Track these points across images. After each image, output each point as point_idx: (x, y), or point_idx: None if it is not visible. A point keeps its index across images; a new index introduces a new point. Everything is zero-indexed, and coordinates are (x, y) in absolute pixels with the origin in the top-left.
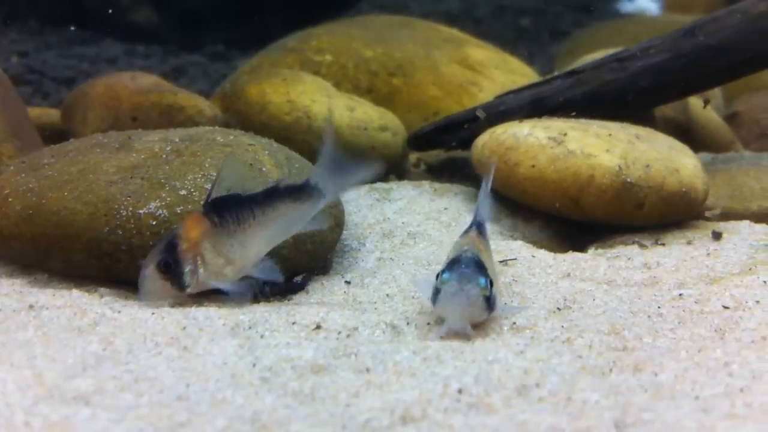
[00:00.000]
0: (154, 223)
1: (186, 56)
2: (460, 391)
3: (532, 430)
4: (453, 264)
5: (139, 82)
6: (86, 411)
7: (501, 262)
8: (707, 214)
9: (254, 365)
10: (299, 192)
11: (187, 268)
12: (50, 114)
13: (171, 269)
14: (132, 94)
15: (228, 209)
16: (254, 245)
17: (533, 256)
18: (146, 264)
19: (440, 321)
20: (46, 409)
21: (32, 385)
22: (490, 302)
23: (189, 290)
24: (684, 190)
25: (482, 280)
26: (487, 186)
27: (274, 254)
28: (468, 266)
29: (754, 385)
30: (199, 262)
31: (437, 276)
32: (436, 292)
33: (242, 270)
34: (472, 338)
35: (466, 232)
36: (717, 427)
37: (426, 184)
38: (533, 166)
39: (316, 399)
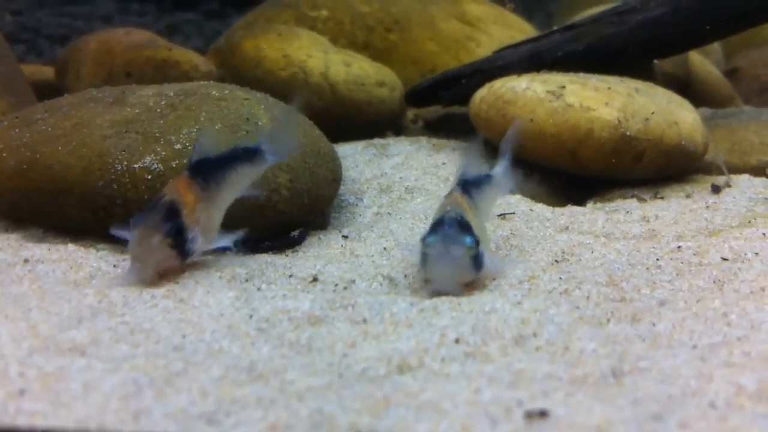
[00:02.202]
0: (149, 177)
1: (180, 14)
2: (457, 341)
3: (529, 378)
4: (436, 226)
5: (132, 38)
6: (81, 361)
7: (499, 215)
8: (708, 157)
9: (251, 316)
10: (254, 155)
11: (191, 235)
12: (44, 71)
13: (180, 236)
14: (126, 50)
15: (208, 172)
16: (223, 207)
17: (531, 210)
18: (145, 233)
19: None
20: (41, 360)
21: (27, 337)
22: (477, 261)
23: (189, 259)
24: (683, 143)
25: (467, 240)
26: (509, 144)
27: (271, 208)
28: (452, 227)
29: (753, 334)
30: (198, 228)
31: (422, 239)
32: (423, 255)
33: (214, 234)
34: (470, 291)
35: (450, 192)
36: (714, 375)
37: (423, 140)
38: (531, 120)
39: (313, 349)
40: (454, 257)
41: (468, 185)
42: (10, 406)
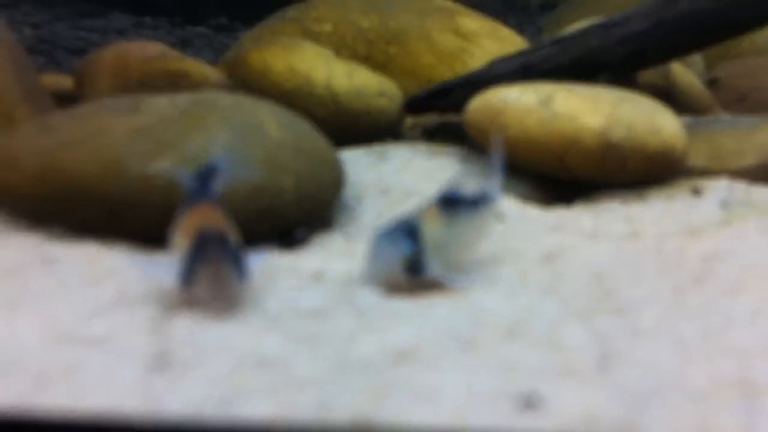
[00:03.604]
0: (162, 182)
1: (192, 28)
2: (452, 334)
3: (521, 369)
4: (387, 227)
5: (146, 51)
6: (100, 354)
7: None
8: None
9: (266, 310)
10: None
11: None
12: (62, 81)
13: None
14: (140, 62)
15: (214, 191)
16: None
17: (521, 211)
18: (216, 275)
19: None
20: (60, 353)
21: (45, 331)
22: (418, 268)
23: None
24: (665, 149)
25: (406, 245)
26: (497, 161)
27: (276, 213)
28: (399, 230)
29: (731, 328)
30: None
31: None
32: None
33: None
34: (464, 286)
35: (426, 206)
36: (695, 367)
37: (421, 146)
38: (522, 127)
39: (315, 341)
40: (387, 257)
41: (450, 200)
42: (31, 397)
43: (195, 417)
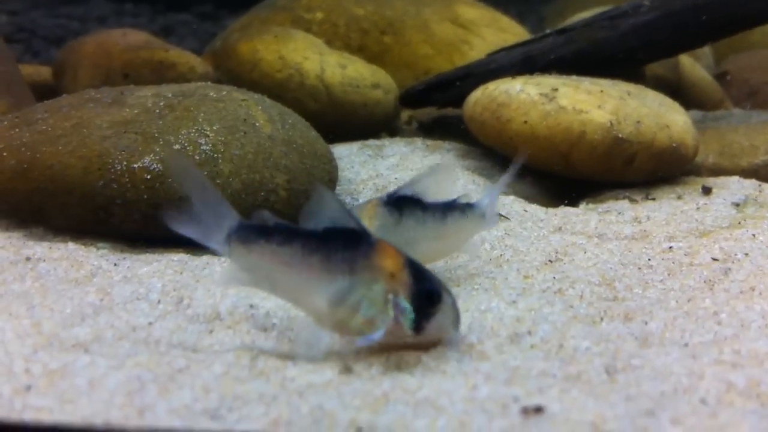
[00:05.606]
0: (148, 177)
1: (175, 15)
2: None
3: (524, 375)
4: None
5: (129, 39)
6: (85, 358)
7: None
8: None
9: (252, 315)
10: None
11: None
12: (41, 72)
13: None
14: (123, 51)
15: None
16: None
17: (525, 211)
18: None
19: None
20: (46, 357)
21: (31, 334)
22: None
23: None
24: (674, 145)
25: None
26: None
27: (269, 209)
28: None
29: (743, 333)
30: None
31: None
32: None
33: None
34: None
35: (369, 200)
36: (705, 373)
37: (418, 141)
38: (525, 122)
39: (313, 347)
40: None
41: (401, 200)
42: (17, 401)
43: (185, 429)
